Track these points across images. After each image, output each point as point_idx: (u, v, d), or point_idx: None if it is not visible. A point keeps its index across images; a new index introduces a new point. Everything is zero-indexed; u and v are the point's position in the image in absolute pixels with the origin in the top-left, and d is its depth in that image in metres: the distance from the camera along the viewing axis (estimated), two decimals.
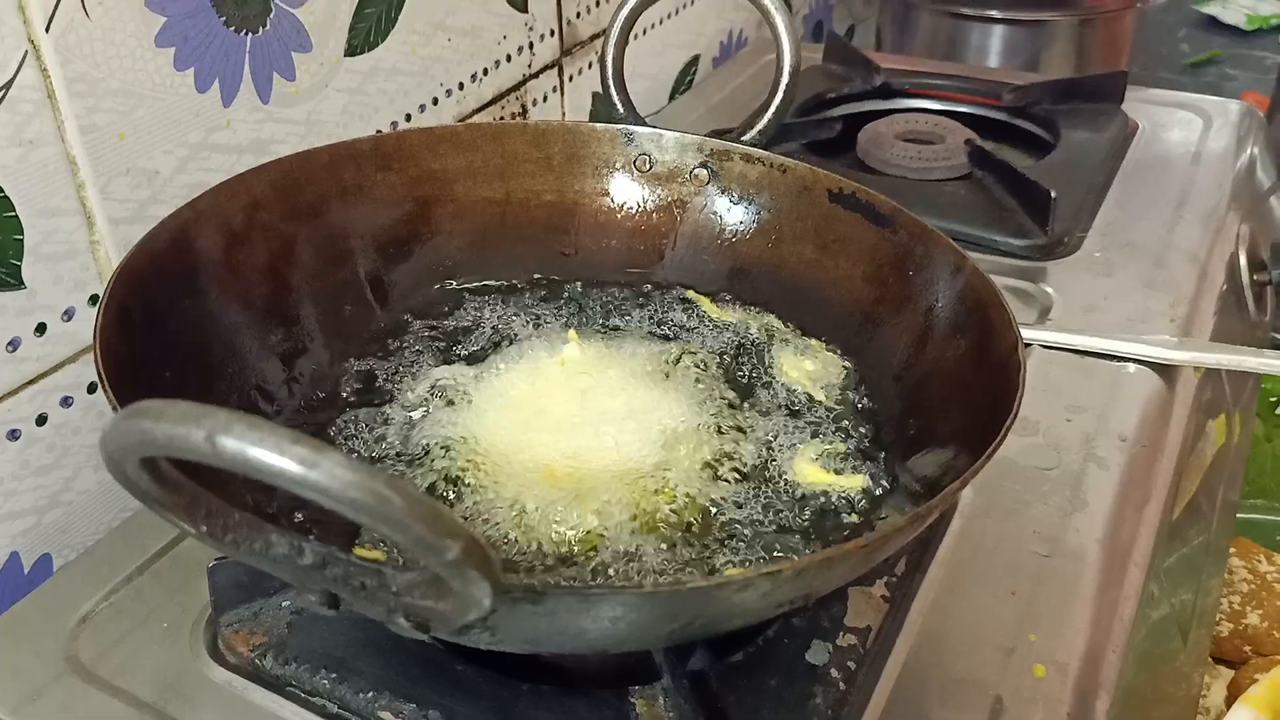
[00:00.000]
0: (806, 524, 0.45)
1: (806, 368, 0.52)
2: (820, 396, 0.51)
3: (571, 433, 0.47)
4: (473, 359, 0.53)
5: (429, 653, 0.43)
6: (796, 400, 0.51)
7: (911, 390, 0.49)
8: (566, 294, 0.57)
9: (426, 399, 0.50)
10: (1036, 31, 1.18)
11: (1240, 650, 0.76)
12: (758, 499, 0.46)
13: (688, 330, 0.55)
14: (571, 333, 0.53)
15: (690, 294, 0.57)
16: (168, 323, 0.45)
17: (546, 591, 0.30)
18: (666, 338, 0.55)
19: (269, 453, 0.24)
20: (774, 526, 0.44)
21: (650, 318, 0.56)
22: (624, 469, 0.46)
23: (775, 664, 0.44)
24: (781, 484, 0.46)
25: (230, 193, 0.50)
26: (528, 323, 0.55)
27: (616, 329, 0.56)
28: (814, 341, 0.54)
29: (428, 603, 0.29)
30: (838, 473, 0.47)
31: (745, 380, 0.52)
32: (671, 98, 1.01)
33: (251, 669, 0.45)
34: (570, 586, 0.36)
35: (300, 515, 0.44)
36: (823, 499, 0.46)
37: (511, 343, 0.54)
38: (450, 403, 0.49)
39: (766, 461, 0.47)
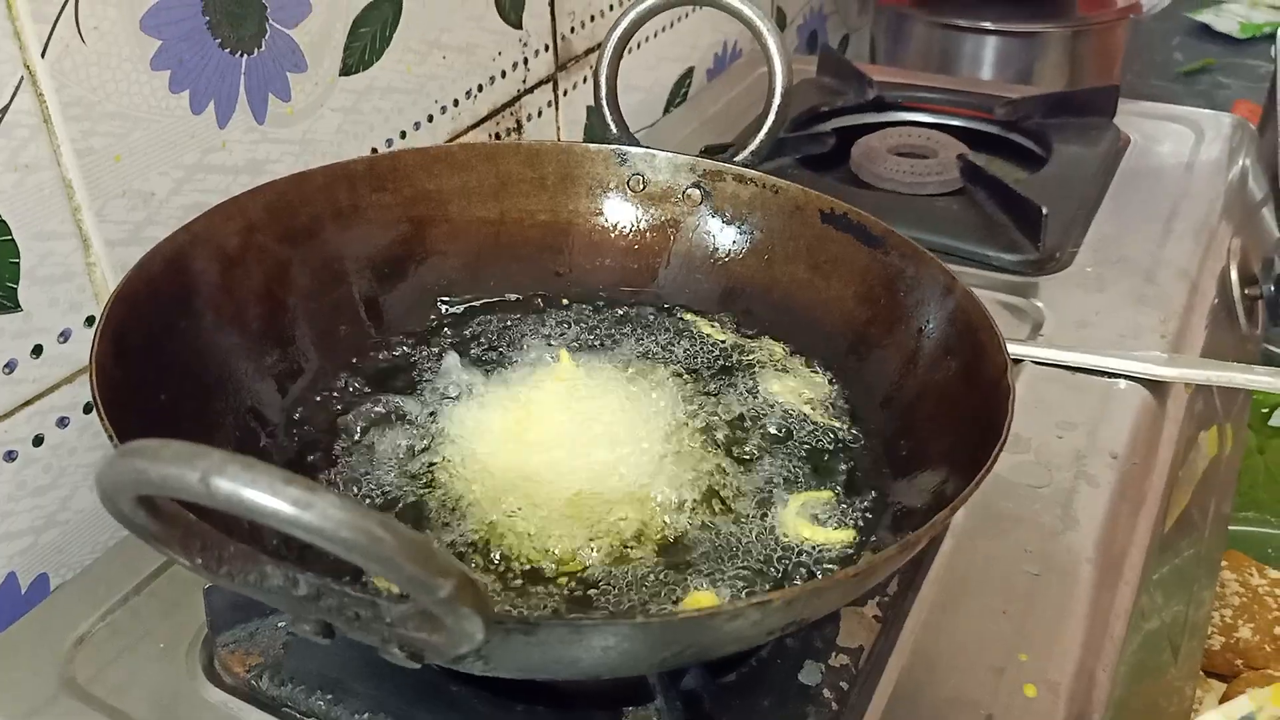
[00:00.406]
0: (780, 577, 0.44)
1: (799, 390, 0.53)
2: (814, 417, 0.51)
3: (559, 453, 0.48)
4: (467, 379, 0.53)
5: (424, 674, 0.44)
6: (788, 422, 0.51)
7: (903, 411, 0.49)
8: (560, 313, 0.58)
9: (419, 419, 0.50)
10: (1030, 42, 1.19)
11: (1232, 664, 0.77)
12: (740, 536, 0.45)
13: (680, 350, 0.56)
14: (563, 352, 0.54)
15: (687, 315, 0.57)
16: (164, 346, 0.45)
17: (539, 624, 0.31)
18: (659, 358, 0.55)
19: (262, 494, 0.24)
20: (754, 568, 0.44)
21: (644, 338, 0.56)
22: (609, 491, 0.46)
23: (768, 684, 0.44)
24: (767, 531, 0.45)
25: (225, 215, 0.50)
26: (521, 342, 0.56)
27: (608, 348, 0.56)
28: (805, 364, 0.54)
29: (421, 634, 0.30)
30: (823, 523, 0.46)
31: (736, 403, 0.52)
32: (666, 110, 1.01)
33: (247, 690, 0.45)
34: (562, 618, 0.36)
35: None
36: (805, 557, 0.45)
37: (505, 363, 0.54)
38: (443, 424, 0.50)
39: (757, 500, 0.47)
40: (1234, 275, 0.78)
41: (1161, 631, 0.61)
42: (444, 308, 0.57)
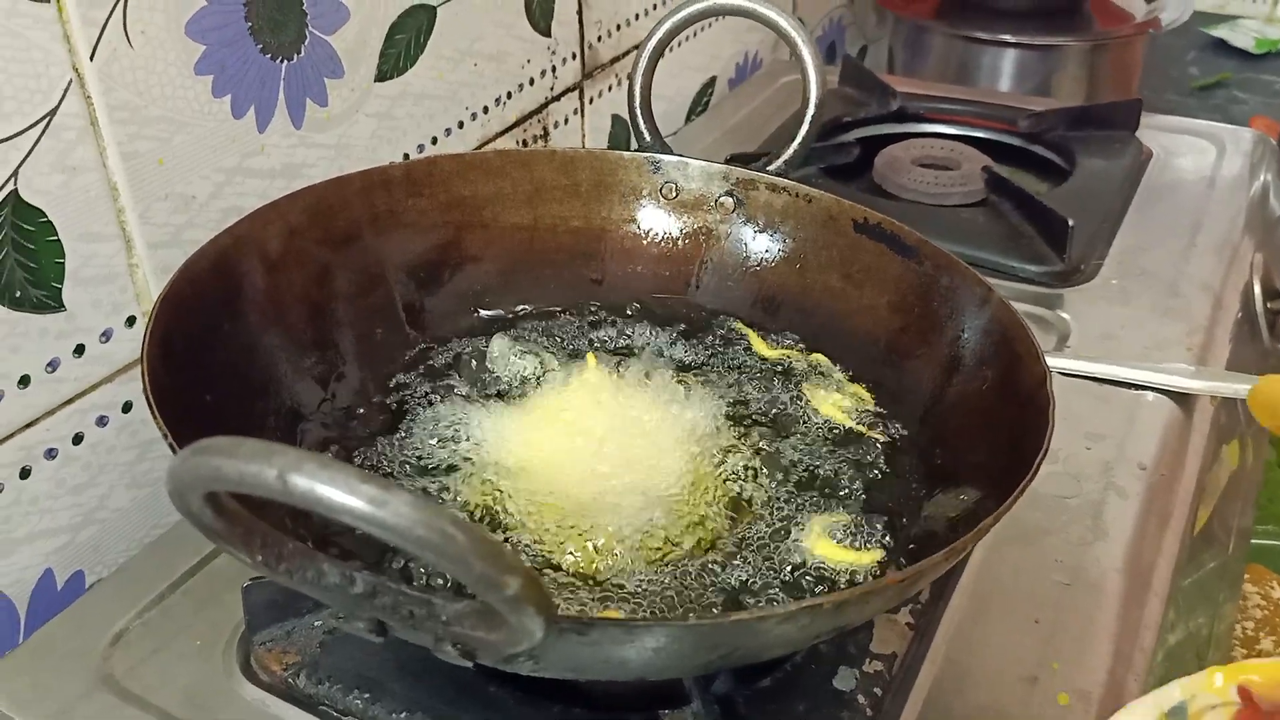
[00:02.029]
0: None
1: (839, 401, 0.53)
2: (853, 426, 0.51)
3: (589, 456, 0.48)
4: (502, 383, 0.53)
5: (461, 674, 0.44)
6: (832, 432, 0.51)
7: (938, 421, 0.49)
8: (594, 318, 0.58)
9: (455, 422, 0.51)
10: (1048, 56, 1.19)
11: None
12: (763, 560, 0.45)
13: (721, 359, 0.56)
14: (590, 356, 0.54)
15: (729, 322, 0.57)
16: (208, 347, 0.45)
17: (593, 623, 0.31)
18: (694, 364, 0.56)
19: (339, 491, 0.24)
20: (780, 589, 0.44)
21: (679, 342, 0.57)
22: (642, 494, 0.46)
23: (803, 690, 0.44)
24: (792, 552, 0.45)
25: (266, 219, 0.51)
26: (556, 347, 0.56)
27: (636, 353, 0.56)
28: (844, 373, 0.54)
29: (478, 633, 0.30)
30: (854, 547, 0.45)
31: (775, 413, 0.53)
32: (688, 119, 1.02)
33: (284, 688, 0.45)
34: (616, 618, 0.37)
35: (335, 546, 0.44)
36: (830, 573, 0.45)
37: (540, 368, 0.55)
38: (476, 426, 0.50)
39: (779, 521, 0.47)
40: (1257, 289, 0.78)
41: (1186, 644, 0.61)
42: (480, 313, 0.57)
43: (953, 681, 0.46)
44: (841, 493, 0.48)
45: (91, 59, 0.48)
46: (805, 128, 0.59)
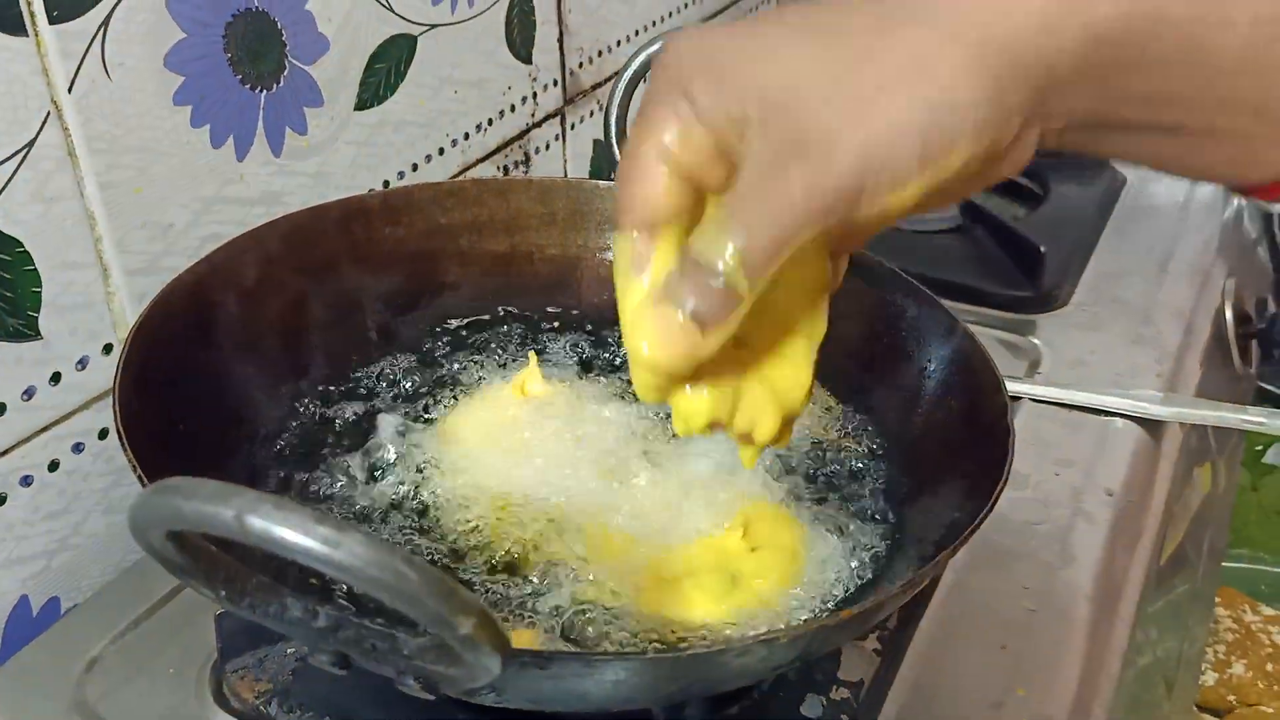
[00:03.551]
0: None
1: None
2: (824, 439, 0.52)
3: (526, 469, 0.48)
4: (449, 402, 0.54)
5: (432, 702, 0.44)
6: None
7: (906, 449, 0.50)
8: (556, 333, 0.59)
9: (422, 443, 0.51)
10: None
11: (1225, 699, 0.77)
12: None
13: None
14: (531, 354, 0.54)
15: None
16: (182, 377, 0.46)
17: (553, 657, 0.31)
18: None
19: (294, 532, 0.25)
20: None
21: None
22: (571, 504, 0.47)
23: (770, 717, 0.45)
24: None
25: (243, 247, 0.51)
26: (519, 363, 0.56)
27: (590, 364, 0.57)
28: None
29: (438, 667, 0.30)
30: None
31: None
32: None
33: (256, 716, 0.46)
34: (575, 652, 0.37)
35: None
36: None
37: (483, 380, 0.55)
38: (427, 449, 0.51)
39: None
40: (1229, 314, 0.79)
41: (1155, 667, 0.62)
42: (451, 325, 0.58)
43: (919, 707, 0.47)
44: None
45: (70, 91, 0.49)
46: None
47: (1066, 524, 0.57)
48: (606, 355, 0.58)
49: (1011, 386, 0.59)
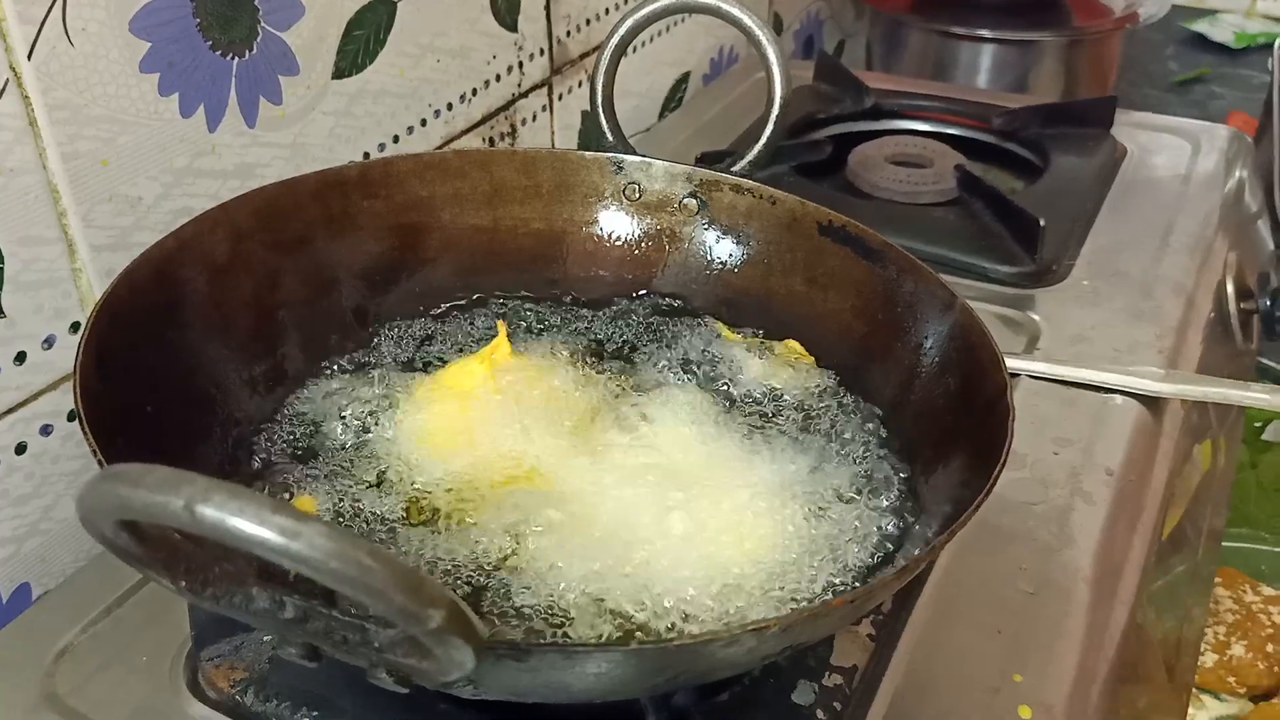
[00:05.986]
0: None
1: (801, 381, 0.52)
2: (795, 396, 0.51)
3: (485, 445, 0.47)
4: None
5: (412, 692, 0.43)
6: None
7: (904, 427, 0.48)
8: (541, 308, 0.57)
9: (394, 421, 0.49)
10: (1025, 51, 1.18)
11: (1224, 680, 0.76)
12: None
13: (652, 342, 0.55)
14: (500, 323, 0.53)
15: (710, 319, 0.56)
16: (149, 357, 0.44)
17: (531, 649, 0.30)
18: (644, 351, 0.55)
19: (249, 522, 0.23)
20: None
21: (624, 333, 0.56)
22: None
23: (761, 704, 0.43)
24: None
25: (213, 222, 0.49)
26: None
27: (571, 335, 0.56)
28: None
29: (410, 661, 0.29)
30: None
31: (724, 388, 0.52)
32: (661, 115, 1.00)
33: (231, 705, 0.44)
34: (555, 643, 0.36)
35: None
36: None
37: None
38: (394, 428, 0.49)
39: None
40: (1229, 289, 0.77)
41: (1154, 647, 0.61)
42: (437, 310, 0.56)
43: (913, 694, 0.46)
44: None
45: (29, 58, 0.47)
46: (770, 128, 0.58)
47: (1065, 504, 0.55)
48: (582, 326, 0.56)
49: (1010, 363, 0.57)
